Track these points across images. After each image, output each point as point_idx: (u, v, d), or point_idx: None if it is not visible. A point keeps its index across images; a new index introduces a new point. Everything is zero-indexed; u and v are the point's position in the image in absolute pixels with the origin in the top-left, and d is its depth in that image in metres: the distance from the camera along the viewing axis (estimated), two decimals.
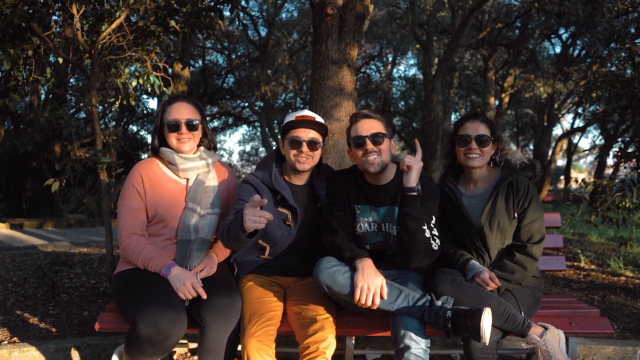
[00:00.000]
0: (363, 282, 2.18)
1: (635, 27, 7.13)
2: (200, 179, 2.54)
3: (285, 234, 2.53)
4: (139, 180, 2.46)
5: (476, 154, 2.50)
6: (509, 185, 2.49)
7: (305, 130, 2.48)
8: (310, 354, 2.16)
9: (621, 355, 3.07)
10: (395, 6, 15.94)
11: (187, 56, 4.48)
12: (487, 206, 2.48)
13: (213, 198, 2.53)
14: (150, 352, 2.19)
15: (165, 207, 2.47)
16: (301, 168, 2.50)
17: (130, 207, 2.45)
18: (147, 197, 2.46)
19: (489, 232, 2.47)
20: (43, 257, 5.52)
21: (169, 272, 2.33)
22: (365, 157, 2.41)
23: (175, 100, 2.54)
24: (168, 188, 2.51)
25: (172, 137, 2.48)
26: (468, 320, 2.10)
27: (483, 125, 2.53)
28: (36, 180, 12.78)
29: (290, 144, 2.48)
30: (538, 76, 15.37)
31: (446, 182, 2.60)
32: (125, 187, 2.48)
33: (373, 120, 2.46)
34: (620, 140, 8.90)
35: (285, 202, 2.51)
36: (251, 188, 2.50)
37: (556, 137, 21.12)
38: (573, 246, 6.70)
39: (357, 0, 3.63)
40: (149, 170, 2.51)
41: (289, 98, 18.98)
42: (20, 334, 3.27)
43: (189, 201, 2.49)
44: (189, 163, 2.51)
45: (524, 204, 2.46)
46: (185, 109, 2.51)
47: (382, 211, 2.49)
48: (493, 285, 2.36)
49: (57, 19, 4.06)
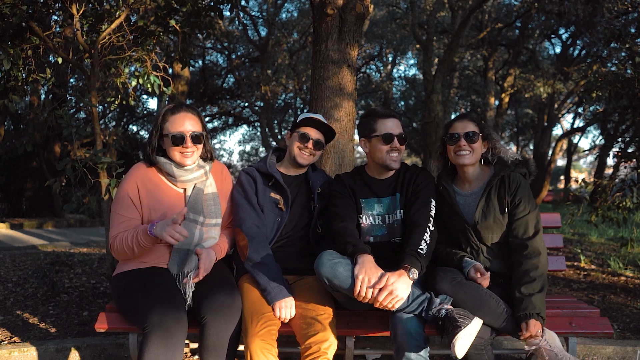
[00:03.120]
0: (363, 274, 2.19)
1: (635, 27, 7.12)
2: (199, 187, 2.49)
3: (279, 219, 2.62)
4: (134, 189, 2.39)
5: (466, 151, 2.53)
6: (501, 181, 2.51)
7: (316, 130, 2.69)
8: (312, 354, 2.17)
9: (621, 355, 3.07)
10: (395, 6, 15.94)
11: (187, 56, 4.47)
12: (481, 202, 2.50)
13: (214, 205, 2.52)
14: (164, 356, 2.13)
15: (162, 216, 2.39)
16: (301, 161, 2.67)
17: (122, 215, 2.38)
18: (143, 206, 2.40)
19: (484, 228, 2.49)
20: (43, 257, 5.52)
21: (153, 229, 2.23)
22: (389, 153, 2.59)
23: (178, 110, 2.43)
24: (166, 197, 2.44)
25: (176, 150, 2.39)
26: (450, 328, 2.13)
27: (471, 123, 2.58)
28: (36, 180, 12.77)
29: (300, 138, 2.67)
30: (538, 76, 15.37)
31: (441, 181, 2.66)
32: (120, 195, 2.40)
33: (396, 120, 2.63)
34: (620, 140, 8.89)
35: (277, 186, 2.65)
36: (249, 179, 2.67)
37: (556, 137, 21.10)
38: (573, 246, 6.70)
39: (357, 0, 3.63)
40: (144, 178, 2.43)
41: (289, 98, 18.99)
42: (20, 334, 3.27)
43: (190, 212, 2.43)
44: (188, 175, 2.44)
45: (514, 199, 2.46)
46: (190, 120, 2.41)
47: (386, 202, 2.61)
48: (486, 282, 2.36)
49: (57, 19, 4.06)
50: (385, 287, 2.16)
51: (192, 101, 18.07)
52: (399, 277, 2.18)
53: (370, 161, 2.70)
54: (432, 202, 2.54)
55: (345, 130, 3.69)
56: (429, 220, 2.45)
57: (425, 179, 2.62)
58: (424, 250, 2.33)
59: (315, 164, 2.87)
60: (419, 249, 2.32)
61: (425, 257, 2.32)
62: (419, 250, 2.31)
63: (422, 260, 2.29)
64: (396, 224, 2.58)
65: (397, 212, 2.59)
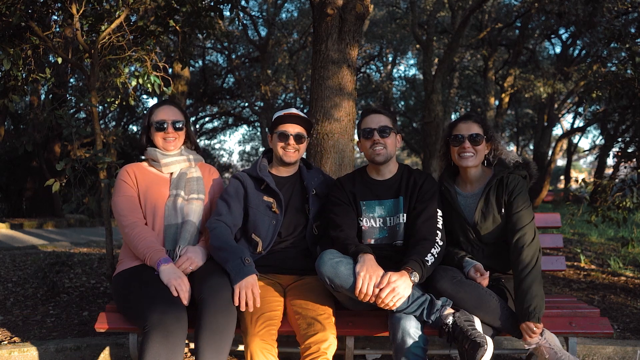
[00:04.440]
0: (364, 271, 2.20)
1: (635, 27, 7.13)
2: (183, 171, 2.69)
3: (274, 222, 2.61)
4: (126, 174, 2.62)
5: (470, 153, 2.53)
6: (500, 182, 2.51)
7: (292, 125, 2.67)
8: (311, 354, 2.17)
9: (621, 355, 3.07)
10: (395, 6, 15.93)
11: (187, 56, 4.48)
12: (480, 202, 2.51)
13: (197, 185, 2.66)
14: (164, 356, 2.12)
15: (153, 200, 2.59)
16: (287, 159, 2.67)
17: (124, 195, 2.57)
18: (139, 187, 2.61)
19: (483, 229, 2.50)
20: (43, 257, 5.52)
21: (161, 265, 2.36)
22: (372, 148, 2.58)
23: (162, 104, 2.73)
24: (154, 182, 2.65)
25: (159, 136, 2.66)
26: (467, 344, 2.10)
27: (476, 124, 2.57)
28: (36, 180, 12.78)
29: (279, 137, 2.67)
30: (538, 76, 15.34)
31: (442, 182, 2.66)
32: (116, 184, 2.64)
33: (381, 115, 2.63)
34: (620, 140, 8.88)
35: (269, 189, 2.64)
36: (237, 182, 2.68)
37: (556, 137, 21.09)
38: (573, 246, 6.70)
39: (357, 0, 3.63)
40: (134, 167, 2.68)
41: (289, 98, 18.97)
42: (20, 334, 3.27)
43: (173, 189, 2.63)
44: (169, 158, 2.67)
45: (510, 198, 2.47)
46: (171, 111, 2.69)
47: (388, 204, 2.59)
48: (485, 282, 2.36)
49: (57, 19, 4.06)
50: (387, 285, 2.16)
51: (192, 101, 18.08)
52: (400, 276, 2.20)
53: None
54: (439, 212, 2.53)
55: (345, 130, 3.69)
56: (436, 234, 2.44)
57: (431, 187, 2.58)
58: (430, 262, 2.33)
59: (311, 162, 2.86)
60: (425, 258, 2.32)
61: (429, 268, 2.32)
62: (425, 259, 2.32)
63: (424, 269, 2.29)
64: (398, 227, 2.56)
65: (400, 216, 2.56)
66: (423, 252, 2.35)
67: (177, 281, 2.28)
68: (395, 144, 2.64)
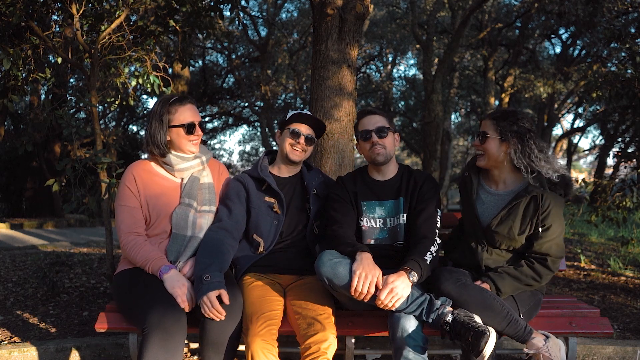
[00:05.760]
0: (361, 270, 2.20)
1: (635, 27, 7.13)
2: (195, 176, 2.59)
3: (275, 222, 2.61)
4: (132, 180, 2.49)
5: (478, 152, 2.50)
6: (533, 199, 2.39)
7: (306, 126, 2.68)
8: (312, 354, 2.17)
9: (621, 355, 3.07)
10: (395, 6, 15.93)
11: (187, 56, 4.48)
12: (503, 212, 2.42)
13: (209, 195, 2.58)
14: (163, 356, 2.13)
15: (161, 205, 2.49)
16: (293, 158, 2.67)
17: (127, 206, 2.47)
18: (142, 197, 2.49)
19: (496, 235, 2.44)
20: (43, 257, 5.51)
21: (163, 274, 2.32)
22: (371, 149, 2.58)
23: (184, 101, 2.53)
24: (162, 186, 2.54)
25: (186, 139, 2.50)
26: (469, 336, 2.09)
27: (489, 121, 2.48)
28: (36, 180, 12.76)
29: (290, 134, 2.66)
30: (538, 76, 15.33)
31: (467, 170, 2.59)
32: (120, 189, 2.52)
33: (377, 116, 2.63)
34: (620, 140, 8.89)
35: (270, 189, 2.64)
36: (238, 184, 2.66)
37: (556, 137, 21.10)
38: (573, 246, 6.70)
39: (357, 0, 3.63)
40: (141, 171, 2.53)
41: (289, 98, 18.96)
42: (20, 334, 3.27)
43: (185, 197, 2.52)
44: (185, 163, 2.55)
45: (545, 221, 2.38)
46: (194, 110, 2.56)
47: (388, 205, 2.59)
48: (486, 285, 2.36)
49: (57, 19, 4.06)
50: (385, 285, 2.17)
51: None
52: (398, 276, 2.20)
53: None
54: (439, 212, 2.54)
55: (345, 130, 3.69)
56: (435, 233, 2.45)
57: (431, 188, 2.58)
58: (429, 260, 2.33)
59: (312, 163, 2.86)
60: (424, 257, 2.32)
61: (427, 267, 2.32)
62: (424, 258, 2.32)
63: (423, 269, 2.29)
64: (398, 227, 2.56)
65: (400, 217, 2.56)
66: (423, 251, 2.35)
67: (182, 289, 2.27)
68: (394, 143, 2.64)
